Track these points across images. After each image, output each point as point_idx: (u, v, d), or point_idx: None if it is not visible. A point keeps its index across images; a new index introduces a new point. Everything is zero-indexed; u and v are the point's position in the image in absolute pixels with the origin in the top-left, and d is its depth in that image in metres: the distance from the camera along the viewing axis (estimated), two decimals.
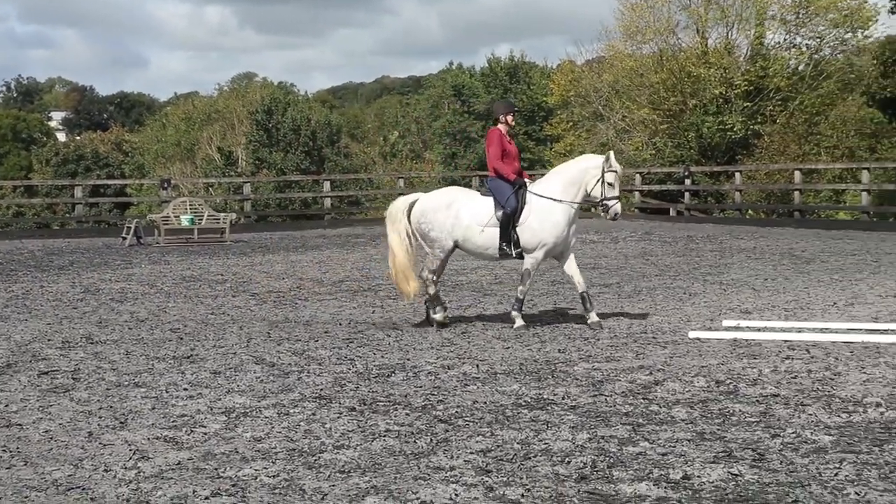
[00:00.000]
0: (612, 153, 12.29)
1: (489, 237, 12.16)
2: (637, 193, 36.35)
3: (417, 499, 5.86)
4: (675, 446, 6.82)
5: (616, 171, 12.12)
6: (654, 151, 41.51)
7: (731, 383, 8.75)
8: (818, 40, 41.15)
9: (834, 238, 24.89)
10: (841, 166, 34.15)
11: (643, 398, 8.28)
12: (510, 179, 12.23)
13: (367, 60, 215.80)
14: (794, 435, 7.04)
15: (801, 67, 41.77)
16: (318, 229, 33.55)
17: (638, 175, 36.21)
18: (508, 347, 10.83)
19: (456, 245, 12.35)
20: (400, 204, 12.61)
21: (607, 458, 6.57)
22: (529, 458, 6.65)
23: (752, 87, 40.01)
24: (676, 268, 18.62)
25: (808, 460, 6.44)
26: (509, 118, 12.63)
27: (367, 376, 9.41)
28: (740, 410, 7.79)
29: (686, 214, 33.86)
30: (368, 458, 6.69)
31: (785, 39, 41.84)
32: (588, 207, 13.43)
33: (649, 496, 5.84)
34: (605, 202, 12.13)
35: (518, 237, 12.10)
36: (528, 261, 12.22)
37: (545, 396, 8.42)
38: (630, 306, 13.77)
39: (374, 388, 8.90)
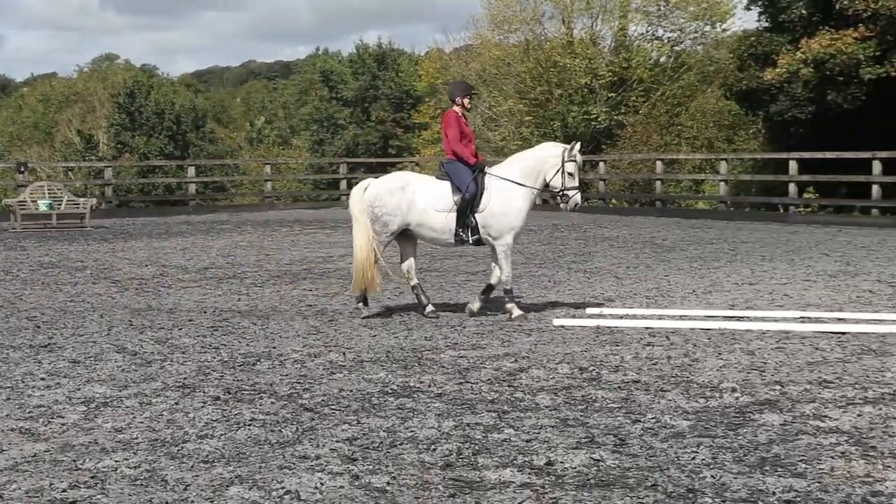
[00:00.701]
0: (574, 143, 12.13)
1: (445, 222, 11.87)
2: None
3: (282, 488, 5.82)
4: (539, 433, 6.91)
5: (576, 161, 11.89)
6: (520, 141, 41.91)
7: (593, 370, 8.90)
8: (679, 33, 42.11)
9: (693, 227, 25.52)
10: (700, 157, 35.00)
11: (508, 385, 8.37)
12: (471, 163, 11.94)
13: (234, 44, 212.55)
14: (653, 420, 7.20)
15: (662, 59, 42.69)
16: (183, 215, 33.03)
17: None
18: (375, 335, 10.83)
19: (406, 230, 12.04)
20: (356, 192, 12.26)
21: (472, 446, 6.62)
22: (395, 445, 6.66)
23: (616, 78, 40.72)
24: (541, 256, 18.85)
25: (667, 445, 6.59)
26: (466, 100, 12.34)
27: (232, 365, 9.31)
28: (602, 397, 7.93)
29: (550, 203, 34.22)
30: (233, 448, 6.62)
31: (647, 31, 42.74)
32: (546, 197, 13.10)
33: (513, 482, 5.90)
34: (565, 192, 11.89)
35: (476, 223, 11.84)
36: (500, 248, 11.91)
37: (411, 384, 8.44)
38: (496, 294, 13.87)
39: (239, 376, 8.81)
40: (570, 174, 11.84)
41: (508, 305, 11.95)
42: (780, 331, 10.68)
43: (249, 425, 7.16)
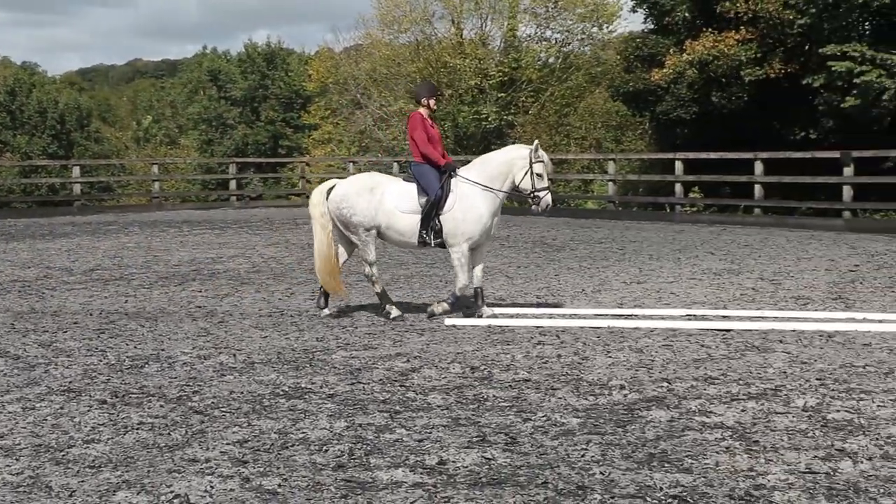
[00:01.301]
0: (537, 143, 12.05)
1: (411, 224, 11.72)
2: None
3: (171, 492, 5.74)
4: (430, 432, 6.92)
5: (544, 162, 11.76)
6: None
7: (485, 369, 8.95)
8: (567, 34, 42.58)
9: (582, 226, 25.83)
10: (589, 157, 35.44)
11: (400, 385, 8.37)
12: (440, 164, 11.82)
13: (120, 42, 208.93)
14: (544, 418, 7.26)
15: (551, 60, 43.13)
16: (67, 216, 32.34)
17: (396, 164, 36.54)
18: (266, 336, 10.74)
19: (378, 233, 11.89)
20: (318, 193, 12.08)
21: (364, 446, 6.61)
22: (287, 447, 6.62)
23: (505, 79, 41.02)
24: (433, 256, 18.89)
25: (557, 442, 6.66)
26: (432, 102, 12.16)
27: (120, 368, 9.14)
28: (494, 395, 7.98)
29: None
30: (120, 452, 6.51)
31: (536, 32, 43.12)
32: (515, 199, 12.86)
33: (405, 482, 5.91)
34: (535, 194, 11.74)
35: (441, 226, 11.69)
36: (454, 255, 11.71)
37: (303, 385, 8.39)
38: (389, 294, 13.86)
39: (127, 379, 8.66)
40: (539, 175, 11.72)
41: (443, 305, 11.83)
42: (667, 329, 10.87)
43: (137, 429, 7.05)
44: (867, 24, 28.32)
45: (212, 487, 5.82)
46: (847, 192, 23.90)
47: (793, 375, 8.48)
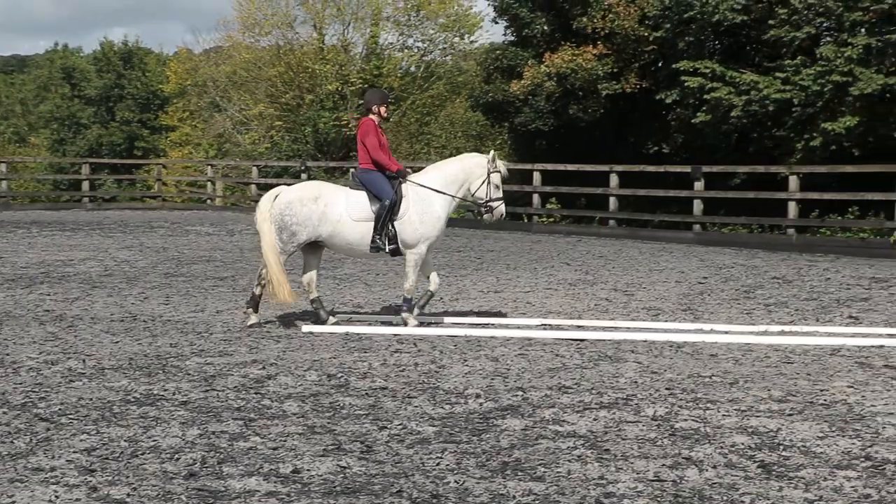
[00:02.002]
0: (495, 153, 12.00)
1: (362, 232, 11.53)
2: (253, 187, 36.30)
3: (13, 503, 5.57)
4: (285, 440, 6.87)
5: (501, 172, 11.83)
6: (270, 145, 41.63)
7: (342, 377, 8.92)
8: (429, 43, 42.80)
9: (443, 235, 25.90)
10: None
11: (255, 393, 8.28)
12: (392, 170, 11.69)
13: None
14: (400, 427, 7.27)
15: (412, 68, 43.29)
16: None
17: (255, 168, 36.18)
18: (117, 342, 10.51)
19: (318, 241, 11.67)
20: (266, 201, 11.77)
21: (218, 454, 6.52)
22: (137, 455, 6.48)
23: (367, 85, 40.99)
24: (291, 263, 18.71)
25: (412, 451, 6.67)
26: (382, 109, 12.02)
27: None
28: (350, 403, 7.95)
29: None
30: None
31: (398, 40, 43.23)
32: (469, 208, 12.57)
33: (258, 491, 5.84)
34: (489, 204, 11.78)
35: (395, 232, 11.55)
36: (410, 257, 11.65)
37: (155, 392, 8.24)
38: (245, 300, 13.72)
39: None
40: (496, 185, 11.77)
41: (404, 315, 11.76)
42: (523, 338, 11.00)
43: None
44: (718, 42, 29.20)
45: (56, 497, 5.66)
46: (697, 205, 24.57)
47: (643, 385, 8.67)
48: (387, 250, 11.61)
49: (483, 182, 11.76)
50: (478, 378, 8.93)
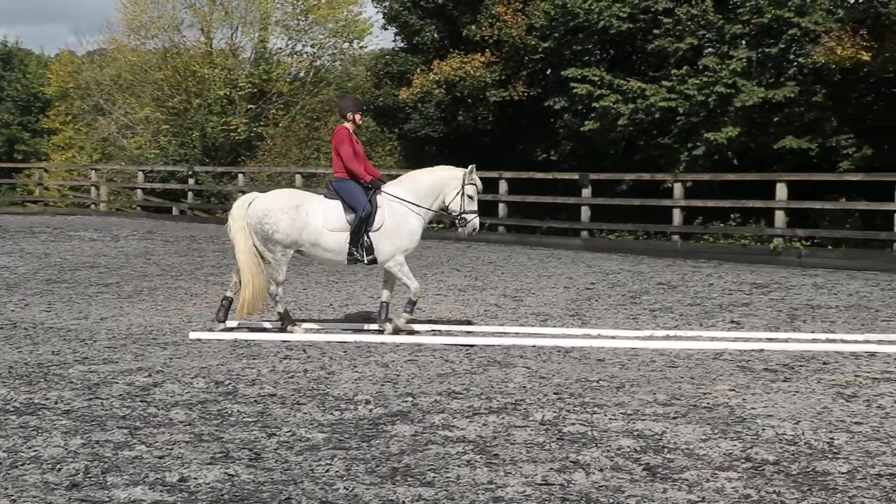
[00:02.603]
0: (472, 166, 11.82)
1: (339, 242, 11.40)
2: (139, 192, 35.75)
3: None
4: (172, 449, 6.77)
5: (476, 185, 11.73)
6: (157, 149, 41.01)
7: (230, 384, 8.83)
8: (318, 48, 42.62)
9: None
10: None
11: (141, 401, 8.15)
12: (365, 180, 11.56)
13: None
14: (289, 433, 7.23)
15: (302, 73, 43.06)
16: None
17: (140, 173, 35.62)
18: None
19: (299, 250, 11.50)
20: (239, 207, 11.52)
21: (102, 464, 6.40)
22: (17, 466, 6.33)
23: (256, 90, 40.68)
24: (178, 268, 18.51)
25: (301, 458, 6.63)
26: (357, 116, 11.91)
27: None
28: (238, 411, 7.88)
29: (189, 214, 33.75)
30: None
31: (287, 45, 42.96)
32: (441, 219, 12.34)
33: (144, 500, 5.75)
34: (463, 216, 11.67)
35: (371, 242, 11.42)
36: (395, 267, 11.53)
37: (36, 401, 8.05)
38: (130, 307, 13.51)
39: None
40: (470, 197, 11.68)
41: (402, 316, 11.56)
42: (412, 343, 11.02)
43: None
44: (605, 51, 29.66)
45: None
46: (585, 212, 24.89)
47: (532, 390, 8.75)
48: (365, 261, 11.53)
49: (457, 194, 11.69)
50: (367, 384, 8.92)
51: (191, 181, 34.40)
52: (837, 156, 24.11)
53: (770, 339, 11.38)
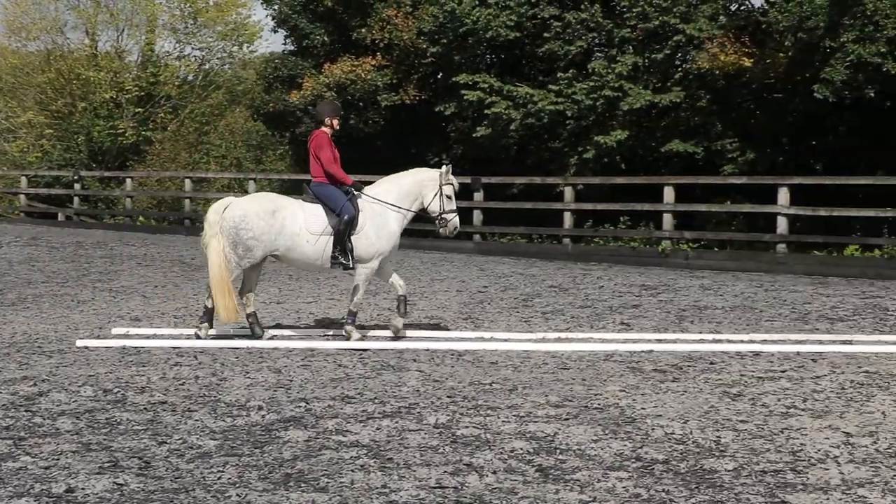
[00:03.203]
0: (449, 166, 11.95)
1: (320, 247, 11.33)
2: (23, 197, 34.91)
3: None
4: (59, 459, 6.64)
5: (453, 185, 11.81)
6: (41, 154, 40.09)
7: (118, 392, 8.68)
8: (207, 51, 42.16)
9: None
10: (230, 176, 35.14)
11: (26, 410, 7.97)
12: (348, 183, 11.57)
13: None
14: (180, 441, 7.13)
15: (191, 77, 42.53)
16: None
17: (24, 178, 34.79)
18: None
19: (274, 256, 11.38)
20: (213, 213, 11.31)
21: None
22: None
23: (143, 94, 40.05)
24: (64, 274, 18.12)
25: (193, 465, 6.55)
26: (335, 121, 12.01)
27: None
28: (128, 419, 7.75)
29: (75, 219, 33.08)
30: None
31: (175, 48, 42.39)
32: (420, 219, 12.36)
33: None
34: (443, 216, 11.77)
35: (352, 246, 11.36)
36: (362, 271, 11.51)
37: None
38: (14, 314, 13.19)
39: None
40: (449, 197, 11.78)
41: (348, 328, 11.50)
42: (305, 348, 10.96)
43: None
44: (494, 57, 29.88)
45: None
46: (477, 216, 25.01)
47: (425, 393, 8.77)
48: (350, 265, 11.46)
49: (436, 195, 11.80)
50: (260, 390, 8.85)
51: (77, 186, 33.72)
52: (722, 159, 24.63)
53: (659, 341, 11.58)
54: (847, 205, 20.60)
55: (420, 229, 26.74)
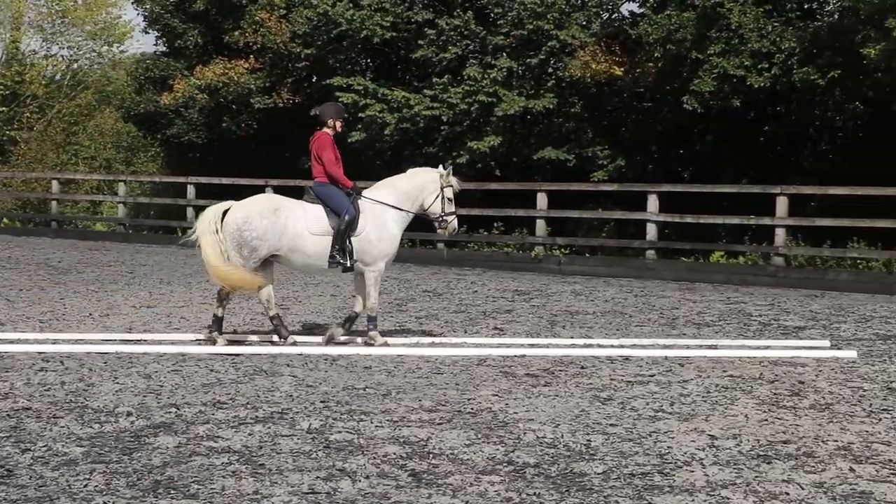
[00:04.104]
0: (450, 168, 11.98)
1: (321, 247, 11.30)
2: None
3: None
4: None
5: (454, 186, 11.84)
6: None
7: None
8: (75, 51, 41.26)
9: (91, 249, 25.04)
10: (99, 177, 34.43)
11: None
12: (348, 185, 11.55)
13: None
14: (45, 448, 6.97)
15: (58, 76, 41.57)
16: None
17: None
18: None
19: (275, 256, 11.37)
20: (212, 214, 11.18)
21: None
22: None
23: (8, 92, 38.98)
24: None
25: (58, 473, 6.41)
26: (338, 123, 11.94)
27: None
28: None
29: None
30: None
31: (43, 47, 41.41)
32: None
33: None
34: (444, 218, 11.79)
35: (352, 247, 11.29)
36: (370, 275, 11.50)
37: None
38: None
39: None
40: (449, 199, 11.82)
41: (371, 333, 11.43)
42: (177, 353, 10.80)
43: None
44: (370, 60, 29.86)
45: None
46: None
47: (299, 398, 8.72)
48: (349, 265, 11.41)
49: (437, 197, 11.82)
50: (129, 395, 8.69)
51: None
52: (593, 166, 24.99)
53: (531, 345, 11.71)
54: (713, 212, 21.12)
55: None
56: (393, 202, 11.75)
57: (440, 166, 12.15)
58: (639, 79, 24.60)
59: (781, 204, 19.46)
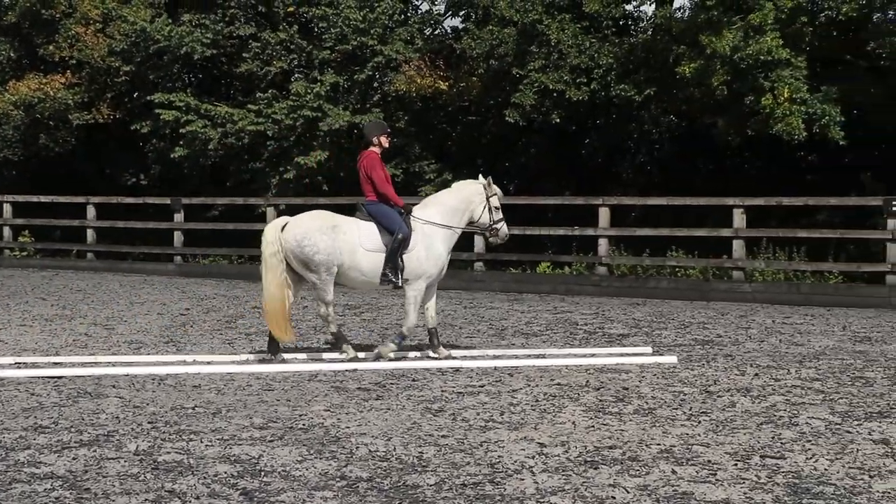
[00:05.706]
0: (489, 178, 11.94)
1: (375, 264, 11.39)
2: None
3: None
4: None
5: (498, 195, 11.95)
6: None
7: None
8: None
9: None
10: None
11: None
12: (399, 204, 11.65)
13: None
14: None
15: None
16: None
17: None
18: None
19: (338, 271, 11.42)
20: (272, 230, 11.34)
21: None
22: None
23: None
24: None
25: None
26: (384, 139, 11.89)
27: None
28: None
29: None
30: None
31: None
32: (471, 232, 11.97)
33: None
34: (494, 227, 11.90)
35: (403, 265, 11.40)
36: (410, 293, 11.60)
37: None
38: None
39: None
40: (497, 208, 11.91)
41: (391, 344, 11.72)
42: None
43: None
44: (192, 75, 29.45)
45: None
46: (178, 237, 24.57)
47: (125, 420, 8.52)
48: (400, 283, 11.50)
49: (484, 208, 11.91)
50: None
51: None
52: (421, 181, 25.19)
53: (362, 359, 11.71)
54: (539, 224, 21.52)
55: (117, 252, 26.01)
56: (440, 219, 11.83)
57: (479, 176, 12.24)
58: (463, 93, 24.94)
59: (604, 215, 20.00)
